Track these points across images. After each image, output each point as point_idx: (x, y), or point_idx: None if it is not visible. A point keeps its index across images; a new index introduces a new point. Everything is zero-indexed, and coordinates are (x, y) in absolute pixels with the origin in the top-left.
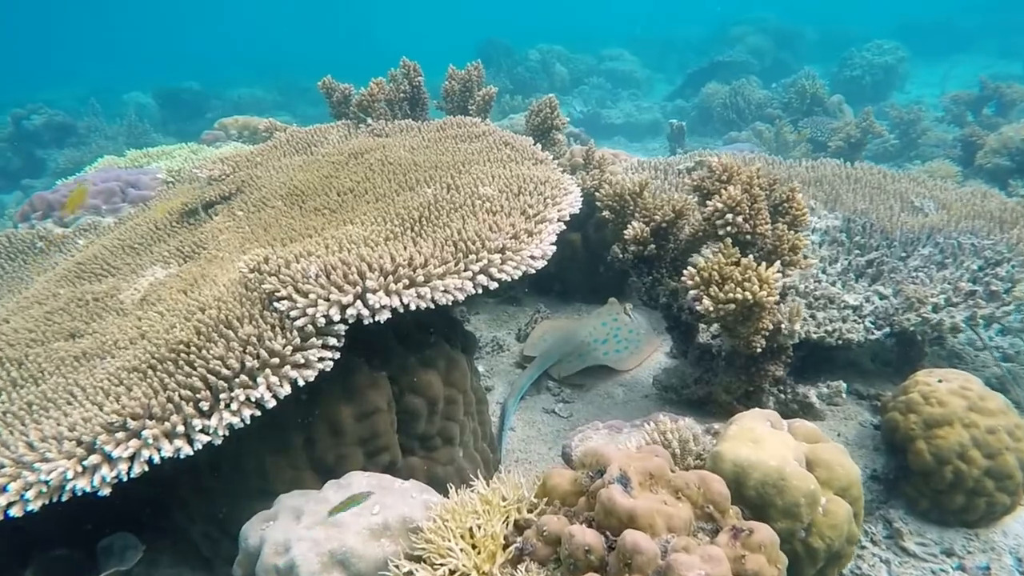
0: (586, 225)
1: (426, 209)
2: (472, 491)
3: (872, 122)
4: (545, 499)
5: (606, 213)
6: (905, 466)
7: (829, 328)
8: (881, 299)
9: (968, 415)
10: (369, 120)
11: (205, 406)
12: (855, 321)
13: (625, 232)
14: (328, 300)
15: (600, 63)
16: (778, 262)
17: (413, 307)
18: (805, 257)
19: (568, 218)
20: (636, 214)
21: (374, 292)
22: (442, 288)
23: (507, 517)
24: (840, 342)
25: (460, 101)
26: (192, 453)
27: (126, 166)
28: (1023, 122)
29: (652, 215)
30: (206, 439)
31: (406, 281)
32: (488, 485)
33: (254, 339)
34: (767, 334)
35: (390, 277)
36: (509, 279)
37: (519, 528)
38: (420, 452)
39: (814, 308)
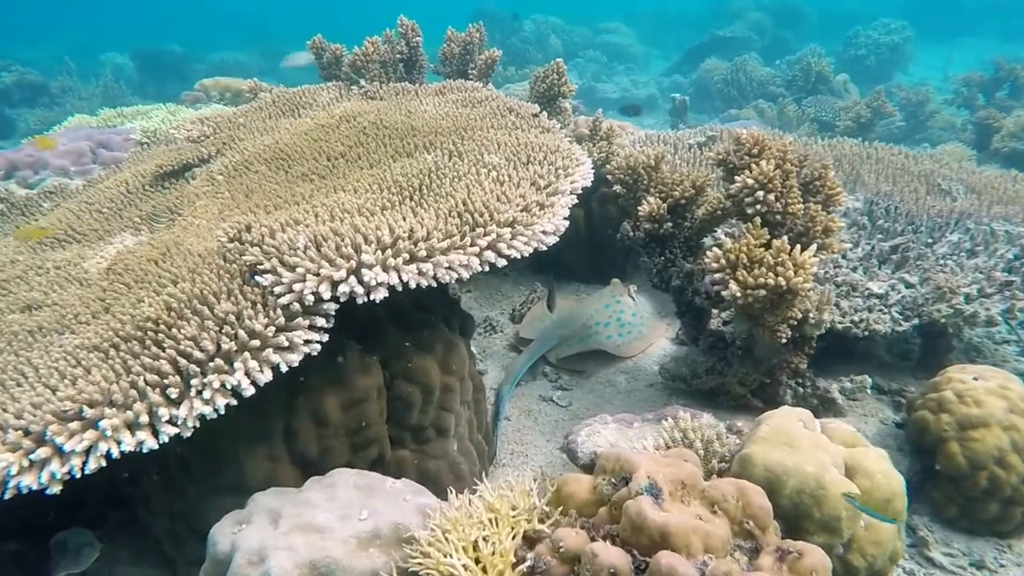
0: (590, 200)
1: (427, 177)
2: (476, 495)
3: (884, 101)
4: (560, 508)
5: (617, 187)
6: (932, 469)
7: (855, 318)
8: (907, 288)
9: (1008, 417)
10: (362, 82)
11: (174, 393)
12: (881, 311)
13: (639, 208)
14: (318, 275)
15: (596, 36)
16: (814, 245)
17: (413, 285)
18: (839, 240)
19: (580, 191)
20: (651, 189)
21: (370, 267)
22: (446, 264)
23: (516, 528)
24: (867, 333)
25: (459, 65)
26: (157, 447)
27: (98, 126)
28: None
29: (670, 190)
30: (173, 431)
31: (406, 256)
32: (483, 481)
33: (232, 317)
34: (795, 323)
35: (388, 251)
36: (519, 256)
37: (529, 541)
38: (411, 445)
39: (837, 296)
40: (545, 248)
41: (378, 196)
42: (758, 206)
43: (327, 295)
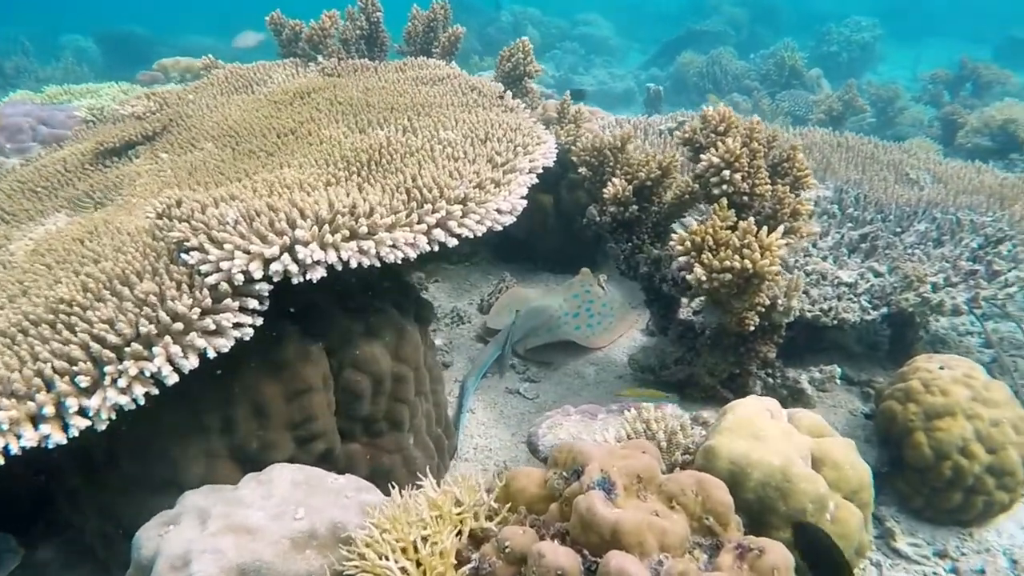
0: (559, 186)
1: (376, 152)
2: (419, 491)
3: (855, 95)
4: (508, 505)
5: (583, 169)
6: (899, 460)
7: (824, 306)
8: (876, 276)
9: (972, 406)
10: (320, 58)
11: (85, 382)
12: (850, 299)
13: (604, 191)
14: (248, 252)
15: (574, 28)
16: (781, 227)
17: (354, 264)
18: (806, 223)
19: (541, 170)
20: (617, 171)
21: (305, 244)
22: (390, 242)
23: (461, 526)
24: (836, 322)
25: (423, 43)
26: (65, 441)
27: (42, 103)
28: (1006, 102)
29: (635, 172)
30: (84, 423)
31: (346, 232)
32: (439, 481)
33: (153, 299)
34: (762, 310)
35: (326, 227)
36: (471, 235)
37: (476, 540)
38: (363, 438)
39: (807, 285)
40: (500, 228)
41: (323, 171)
42: (724, 186)
43: (258, 274)
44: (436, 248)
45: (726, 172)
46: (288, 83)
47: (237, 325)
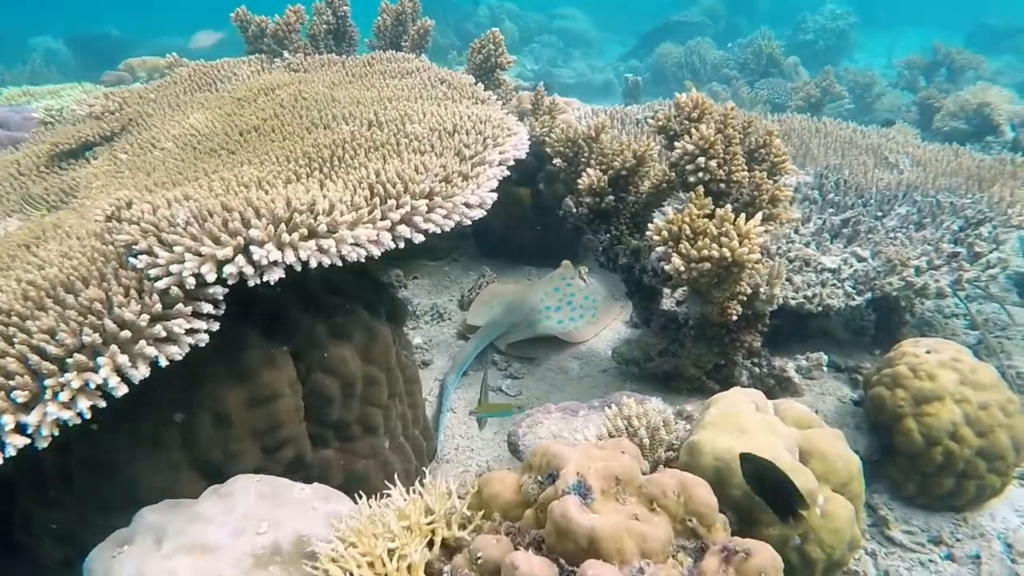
0: (536, 178)
1: (340, 148)
2: (390, 501)
3: (832, 81)
4: (482, 512)
5: (557, 161)
6: (890, 446)
7: (808, 293)
8: (859, 261)
9: (960, 389)
10: (285, 54)
11: (23, 397)
12: (834, 285)
13: (579, 181)
14: (199, 254)
15: (551, 21)
16: (759, 214)
17: (314, 264)
18: (786, 210)
19: (513, 162)
20: (592, 161)
21: (261, 244)
22: (351, 240)
23: (432, 536)
24: (820, 308)
25: (392, 37)
26: (1, 462)
27: None
28: (979, 85)
29: (610, 162)
30: (22, 442)
31: (304, 231)
32: (410, 488)
33: (99, 306)
34: (744, 299)
35: (283, 226)
36: (438, 230)
37: (448, 550)
38: (335, 444)
39: (790, 271)
40: (469, 222)
41: (282, 168)
42: (700, 174)
43: (211, 277)
44: (402, 245)
45: (701, 159)
46: (253, 80)
47: (191, 331)
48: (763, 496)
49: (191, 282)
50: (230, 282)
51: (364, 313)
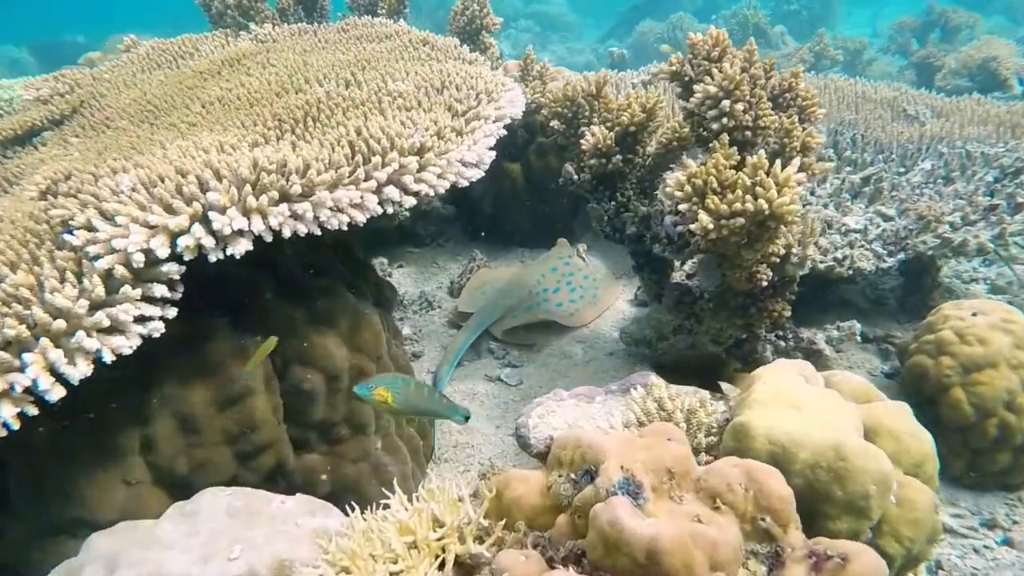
0: (526, 152)
1: (314, 108)
2: (389, 513)
3: (826, 45)
4: (503, 521)
5: (554, 123)
6: (934, 420)
7: (838, 255)
8: (886, 221)
9: (1015, 354)
10: (252, 26)
11: None
12: (862, 247)
13: (582, 142)
14: (149, 226)
15: (527, 6)
16: (797, 158)
17: (287, 233)
18: (819, 159)
19: (510, 120)
20: (594, 119)
21: (222, 211)
22: (331, 204)
23: (443, 554)
24: (851, 272)
25: (368, 6)
26: None
27: None
28: (983, 39)
29: (616, 117)
30: None
31: (274, 194)
32: (412, 496)
33: (26, 292)
34: (777, 261)
35: (248, 188)
36: (431, 192)
37: (464, 570)
38: (320, 447)
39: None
40: (466, 183)
41: (249, 132)
42: (724, 120)
43: (163, 252)
44: (390, 210)
45: (726, 103)
46: (216, 54)
47: (141, 319)
48: None
49: (139, 259)
50: (187, 258)
51: (349, 296)
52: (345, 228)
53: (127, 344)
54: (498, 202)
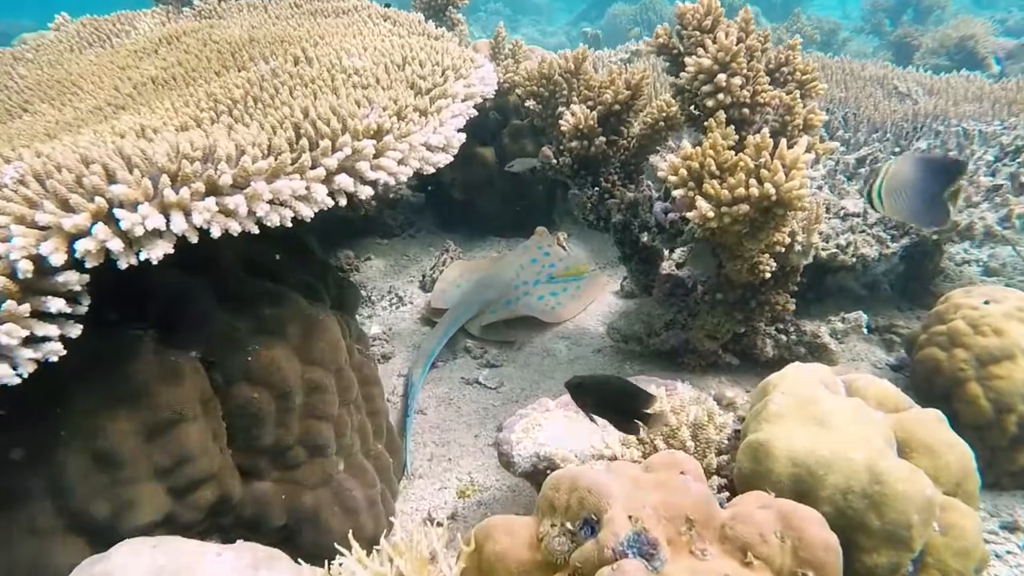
0: (499, 137)
1: (257, 87)
2: (344, 568)
3: (804, 24)
4: None
5: (530, 103)
6: (950, 418)
7: (841, 242)
8: None
9: None
10: (196, 0)
11: None
12: (864, 232)
13: (561, 123)
14: (39, 227)
15: None
16: (804, 138)
17: (217, 232)
18: (822, 139)
19: (481, 99)
20: (574, 98)
21: (133, 206)
22: (269, 197)
23: None
24: (855, 259)
25: None
26: None
27: None
28: (960, 18)
29: (598, 96)
30: None
31: (199, 186)
32: (375, 553)
33: None
34: (782, 250)
35: (165, 179)
36: (391, 180)
37: None
38: (272, 474)
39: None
40: (432, 170)
41: (178, 114)
42: (720, 96)
43: (59, 259)
44: (343, 201)
45: (721, 77)
46: (155, 32)
47: (32, 341)
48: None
49: (25, 268)
50: (90, 265)
51: (301, 300)
52: (289, 224)
53: (12, 374)
54: (470, 189)
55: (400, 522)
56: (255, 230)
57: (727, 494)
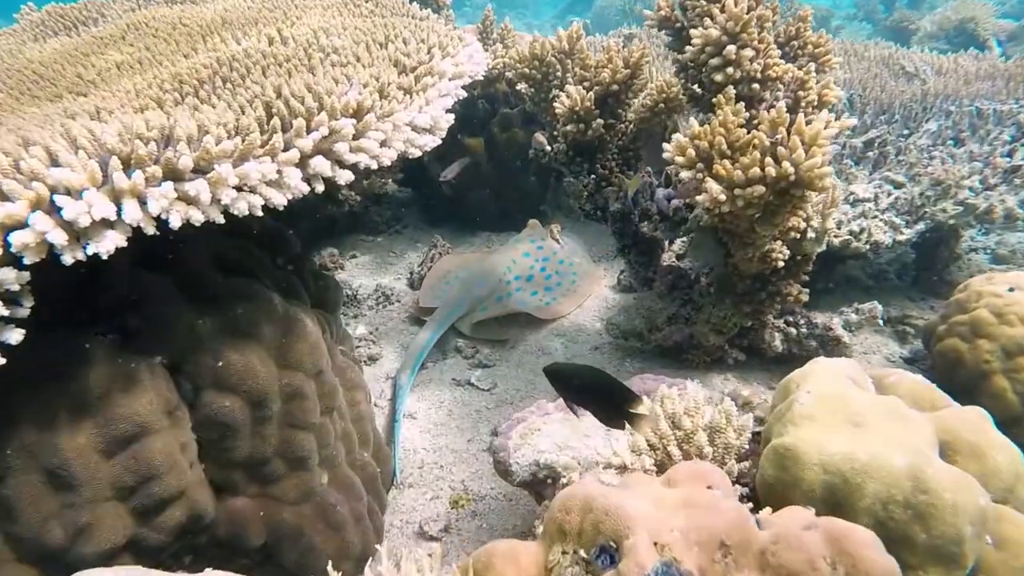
0: (488, 126)
1: (226, 67)
2: None
3: (801, 5)
4: None
5: (521, 86)
6: None
7: (854, 228)
8: (897, 188)
9: None
10: None
11: None
12: (875, 218)
13: (556, 106)
14: None
15: None
16: (825, 111)
17: (176, 222)
18: (837, 117)
19: (470, 79)
20: (569, 79)
21: (77, 193)
22: (235, 182)
23: None
24: (868, 246)
25: None
26: None
27: None
28: (959, 1)
29: (595, 76)
30: None
31: (155, 170)
32: (362, 566)
33: None
34: (797, 236)
35: (115, 162)
36: (374, 164)
37: None
38: (249, 488)
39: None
40: (418, 153)
41: (138, 96)
42: (729, 70)
43: None
44: (320, 188)
45: (731, 48)
46: (124, 18)
47: None
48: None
49: None
50: (28, 261)
51: (277, 298)
52: (259, 213)
53: None
54: (459, 181)
55: (389, 538)
56: (220, 219)
57: (750, 505)
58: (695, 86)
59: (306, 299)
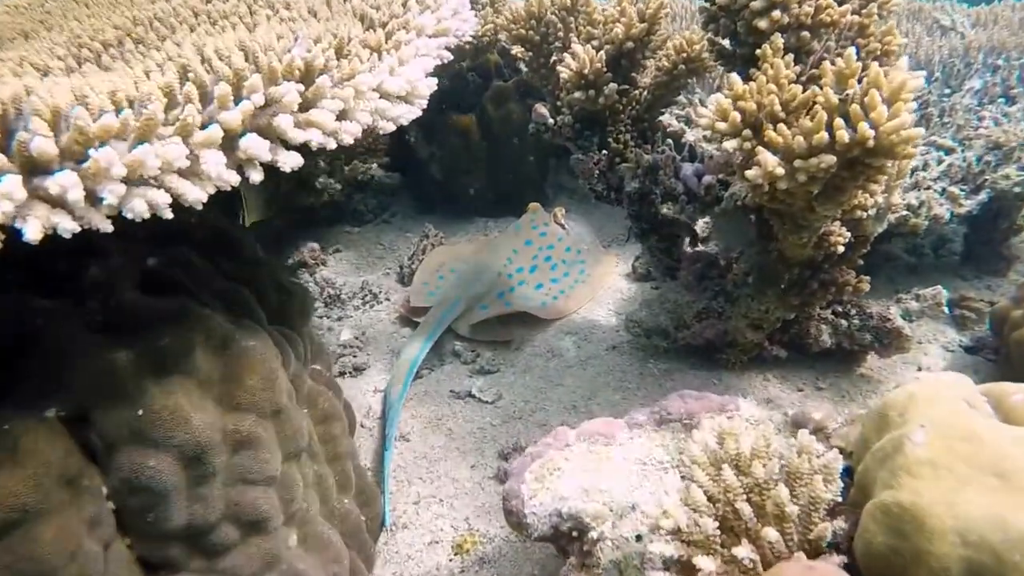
0: (481, 101)
1: (142, 26)
2: None
3: None
4: None
5: (517, 49)
6: None
7: (912, 201)
8: (948, 154)
9: None
10: None
11: None
12: (929, 189)
13: (560, 69)
14: None
15: None
16: (904, 59)
17: (32, 235)
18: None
19: (456, 40)
20: (573, 39)
21: None
22: (121, 174)
23: None
24: (929, 221)
25: None
26: None
27: None
28: None
29: (606, 32)
30: None
31: (10, 168)
32: None
33: None
34: (865, 215)
35: None
36: (328, 142)
37: None
38: (193, 562)
39: None
40: (392, 127)
41: (20, 65)
42: (775, 13)
43: None
44: (256, 177)
45: None
46: None
47: None
48: None
49: None
50: None
51: (217, 320)
52: (168, 215)
53: None
54: (450, 164)
55: None
56: (105, 227)
57: None
58: (726, 40)
59: (260, 316)
